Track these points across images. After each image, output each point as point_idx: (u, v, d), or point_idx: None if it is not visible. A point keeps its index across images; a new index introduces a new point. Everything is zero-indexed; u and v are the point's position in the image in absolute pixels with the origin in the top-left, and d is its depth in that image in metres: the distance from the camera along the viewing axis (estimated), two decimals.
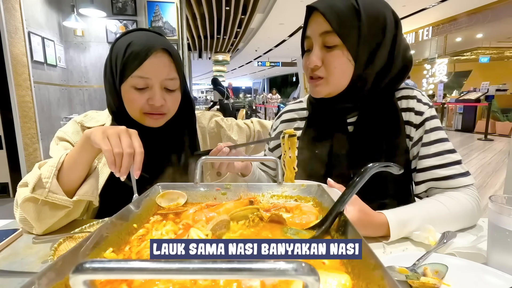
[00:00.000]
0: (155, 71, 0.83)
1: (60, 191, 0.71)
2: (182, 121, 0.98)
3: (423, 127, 0.82)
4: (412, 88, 0.88)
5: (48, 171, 0.71)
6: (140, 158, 0.66)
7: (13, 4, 3.12)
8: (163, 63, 0.85)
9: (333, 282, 0.32)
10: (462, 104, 8.89)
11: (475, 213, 0.75)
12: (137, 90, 0.84)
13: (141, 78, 0.83)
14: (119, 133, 0.66)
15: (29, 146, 3.32)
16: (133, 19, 4.18)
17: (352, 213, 0.66)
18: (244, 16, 8.29)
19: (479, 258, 0.60)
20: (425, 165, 0.80)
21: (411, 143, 0.84)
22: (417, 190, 0.84)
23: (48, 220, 0.72)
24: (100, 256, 0.39)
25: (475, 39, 11.06)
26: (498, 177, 4.07)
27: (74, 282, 0.20)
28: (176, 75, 0.88)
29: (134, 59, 0.82)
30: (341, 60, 0.79)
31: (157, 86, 0.85)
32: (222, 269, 0.19)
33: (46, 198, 0.69)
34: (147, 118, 0.88)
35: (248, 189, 0.64)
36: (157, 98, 0.84)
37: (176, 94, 0.90)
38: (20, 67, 3.20)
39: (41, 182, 0.70)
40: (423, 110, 0.83)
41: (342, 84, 0.82)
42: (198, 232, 0.43)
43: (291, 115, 1.04)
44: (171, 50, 0.87)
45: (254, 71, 23.39)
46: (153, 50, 0.82)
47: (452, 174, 0.78)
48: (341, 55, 0.78)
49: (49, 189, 0.69)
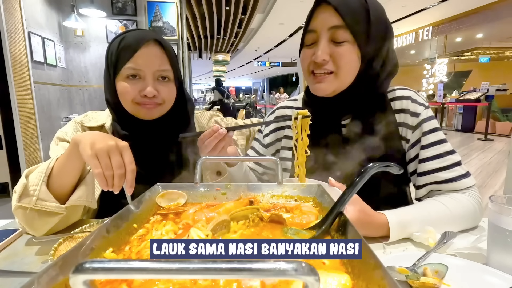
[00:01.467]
0: (147, 61, 0.84)
1: (51, 197, 0.69)
2: (178, 116, 0.97)
3: (420, 129, 0.81)
4: (406, 88, 0.87)
5: (37, 178, 0.69)
6: (132, 176, 0.65)
7: (13, 4, 3.12)
8: (155, 53, 0.85)
9: (333, 282, 0.32)
10: (462, 104, 8.89)
11: (477, 215, 0.75)
12: (130, 81, 0.85)
13: (133, 69, 0.84)
14: (109, 151, 0.64)
15: (29, 146, 3.32)
16: (133, 19, 4.18)
17: (352, 213, 0.66)
18: (244, 16, 8.28)
19: (480, 258, 0.60)
20: (425, 168, 0.79)
21: (407, 145, 0.83)
22: (418, 194, 0.83)
23: (42, 226, 0.71)
24: (100, 256, 0.39)
25: (475, 39, 11.05)
26: (498, 177, 4.07)
27: (74, 282, 0.20)
28: (169, 67, 0.88)
29: (126, 50, 0.83)
30: (351, 56, 0.77)
31: (150, 77, 0.85)
32: (222, 269, 0.19)
33: (35, 206, 0.67)
34: (141, 109, 0.87)
35: (248, 189, 0.64)
36: (149, 89, 0.84)
37: (170, 85, 0.90)
38: (20, 67, 3.19)
39: (28, 190, 0.68)
40: (419, 111, 0.82)
41: (348, 81, 0.81)
42: (198, 232, 0.43)
43: (285, 111, 1.03)
44: (163, 42, 0.87)
45: (254, 71, 23.38)
46: (144, 41, 0.83)
47: (453, 177, 0.77)
48: (351, 50, 0.77)
49: (37, 197, 0.68)
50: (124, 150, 0.66)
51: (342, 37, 0.76)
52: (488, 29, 9.60)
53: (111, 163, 0.63)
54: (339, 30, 0.76)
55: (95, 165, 0.62)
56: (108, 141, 0.65)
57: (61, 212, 0.70)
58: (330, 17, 0.76)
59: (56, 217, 0.71)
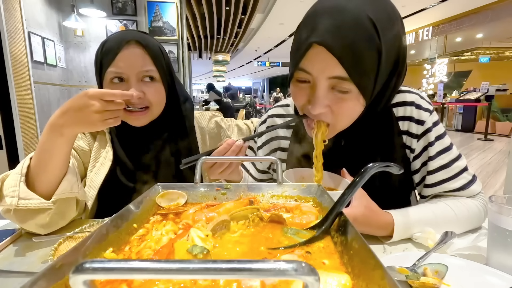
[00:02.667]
0: (128, 63, 0.83)
1: (33, 195, 0.69)
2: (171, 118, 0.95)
3: (425, 138, 0.77)
4: (409, 91, 0.80)
5: (14, 180, 0.69)
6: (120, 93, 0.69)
7: (13, 4, 3.12)
8: (136, 55, 0.83)
9: (333, 282, 0.32)
10: (462, 104, 8.90)
11: (481, 217, 0.75)
12: (114, 86, 0.84)
13: (115, 72, 0.83)
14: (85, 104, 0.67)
15: (29, 146, 3.32)
16: (133, 19, 4.18)
17: (358, 208, 0.66)
18: (244, 16, 8.28)
19: (480, 259, 0.60)
20: (433, 180, 0.77)
21: (412, 155, 0.79)
22: None
23: (36, 223, 0.70)
24: (100, 256, 0.39)
25: (475, 39, 11.05)
26: (498, 177, 4.07)
27: (74, 282, 0.20)
28: (153, 67, 0.86)
29: (108, 54, 0.82)
30: (354, 106, 0.66)
31: (133, 79, 0.83)
32: (222, 269, 0.19)
33: (18, 206, 0.67)
34: (129, 117, 0.86)
35: (248, 189, 0.64)
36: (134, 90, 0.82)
37: (157, 85, 0.87)
38: (20, 67, 3.19)
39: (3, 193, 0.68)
40: (423, 118, 0.76)
41: (348, 124, 0.71)
42: (198, 232, 0.43)
43: (276, 121, 0.94)
44: (145, 42, 0.85)
45: (254, 71, 23.37)
46: (124, 43, 0.82)
47: (461, 186, 0.76)
48: (354, 100, 0.64)
49: (18, 197, 0.67)
50: (90, 91, 0.67)
51: (345, 88, 0.63)
52: (488, 29, 9.60)
53: None
54: (342, 81, 0.62)
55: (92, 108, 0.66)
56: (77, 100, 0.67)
57: (49, 207, 0.70)
58: (330, 66, 0.60)
59: (46, 213, 0.70)
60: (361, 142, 0.78)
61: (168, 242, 0.43)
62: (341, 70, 0.60)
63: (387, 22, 0.60)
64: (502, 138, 7.51)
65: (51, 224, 0.73)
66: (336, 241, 0.42)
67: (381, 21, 0.59)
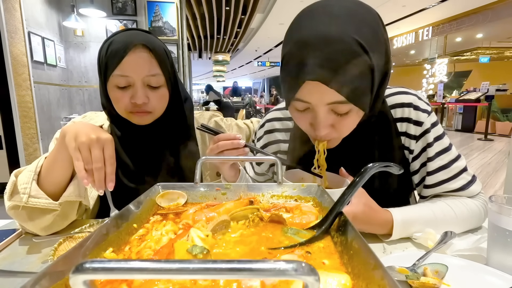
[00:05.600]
0: (134, 68, 0.81)
1: (43, 195, 0.69)
2: (173, 118, 0.95)
3: (424, 139, 0.77)
4: (406, 92, 0.80)
5: (26, 177, 0.70)
6: (111, 170, 0.65)
7: (13, 4, 3.12)
8: (143, 59, 0.82)
9: (333, 282, 0.32)
10: (462, 104, 8.90)
11: (481, 217, 0.75)
12: (120, 89, 0.83)
13: (121, 76, 0.81)
14: (90, 144, 0.65)
15: (29, 146, 3.32)
16: (133, 19, 4.18)
17: (358, 206, 0.66)
18: (244, 16, 8.28)
19: (480, 259, 0.60)
20: (432, 181, 0.77)
21: (411, 156, 0.80)
22: None
23: (38, 225, 0.71)
24: (100, 256, 0.39)
25: (475, 39, 11.05)
26: (498, 177, 4.07)
27: (74, 282, 0.20)
28: (159, 71, 0.84)
29: (114, 57, 0.80)
30: (355, 120, 0.68)
31: (139, 84, 0.82)
32: (222, 269, 0.19)
33: (27, 203, 0.68)
34: (133, 116, 0.86)
35: (248, 189, 0.64)
36: (139, 96, 0.81)
37: (162, 91, 0.87)
38: (20, 67, 3.20)
39: (17, 188, 0.69)
40: (421, 119, 0.77)
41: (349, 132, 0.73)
42: (198, 232, 0.43)
43: (275, 125, 0.94)
44: (152, 45, 0.83)
45: (254, 71, 23.36)
46: (131, 46, 0.80)
47: (461, 186, 0.76)
48: (355, 116, 0.66)
49: (29, 195, 0.68)
50: (106, 144, 0.67)
51: (345, 109, 0.64)
52: (488, 29, 9.60)
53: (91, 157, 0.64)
54: (341, 104, 0.62)
55: (76, 157, 0.64)
56: (91, 134, 0.66)
57: (55, 208, 0.70)
58: (328, 95, 0.61)
59: (51, 214, 0.71)
60: (359, 143, 0.78)
61: (168, 242, 0.43)
62: (339, 96, 0.60)
63: (372, 36, 0.60)
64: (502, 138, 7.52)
65: (52, 225, 0.73)
66: (336, 241, 0.42)
67: (367, 38, 0.58)
